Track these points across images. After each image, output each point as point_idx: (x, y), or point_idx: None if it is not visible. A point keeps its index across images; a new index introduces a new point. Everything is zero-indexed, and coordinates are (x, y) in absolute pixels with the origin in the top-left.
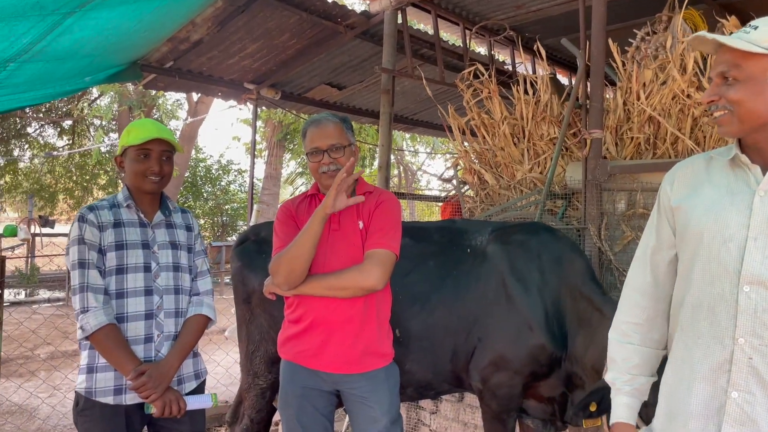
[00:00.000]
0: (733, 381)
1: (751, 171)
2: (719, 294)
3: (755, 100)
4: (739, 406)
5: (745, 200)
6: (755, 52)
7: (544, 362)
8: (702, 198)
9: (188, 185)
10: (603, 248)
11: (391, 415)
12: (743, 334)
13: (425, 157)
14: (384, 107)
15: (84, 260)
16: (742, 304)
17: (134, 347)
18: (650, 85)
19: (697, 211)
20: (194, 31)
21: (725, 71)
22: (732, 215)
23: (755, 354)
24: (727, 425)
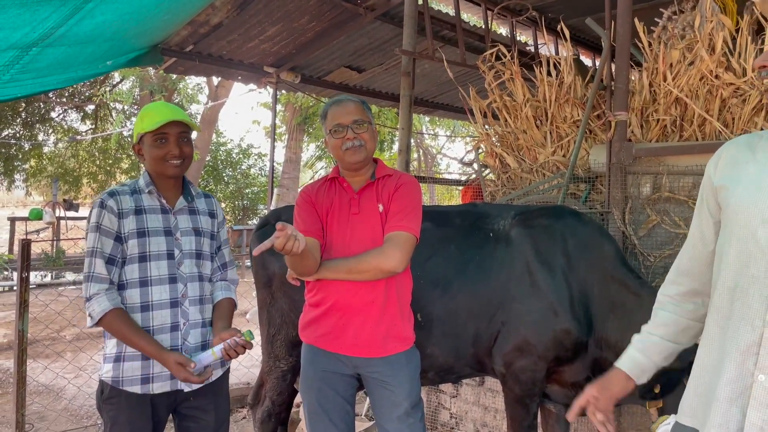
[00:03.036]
0: (761, 364)
1: None
2: (754, 275)
3: None
4: (766, 390)
5: None
6: None
7: (569, 347)
8: (744, 176)
9: (209, 169)
10: (627, 232)
11: (411, 399)
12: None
13: (445, 140)
14: (404, 90)
15: (94, 249)
16: None
17: (161, 336)
18: (677, 65)
19: (738, 189)
20: (214, 15)
21: None
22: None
23: None
24: (753, 408)
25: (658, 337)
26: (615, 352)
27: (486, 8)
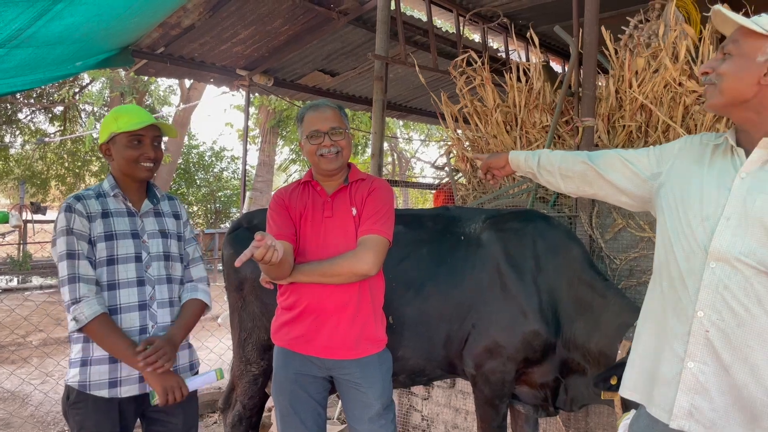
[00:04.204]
0: (690, 351)
1: (737, 154)
2: (692, 269)
3: (738, 75)
4: (694, 376)
5: (728, 181)
6: (755, 30)
7: (538, 348)
8: (694, 176)
9: (181, 172)
10: (594, 236)
11: (383, 400)
12: (703, 308)
13: (419, 144)
14: (377, 94)
15: (73, 251)
16: (706, 279)
17: None
18: (642, 73)
19: (684, 188)
20: (186, 17)
21: (726, 45)
22: (713, 195)
23: (712, 327)
24: (682, 392)
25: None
26: (582, 353)
27: (458, 14)
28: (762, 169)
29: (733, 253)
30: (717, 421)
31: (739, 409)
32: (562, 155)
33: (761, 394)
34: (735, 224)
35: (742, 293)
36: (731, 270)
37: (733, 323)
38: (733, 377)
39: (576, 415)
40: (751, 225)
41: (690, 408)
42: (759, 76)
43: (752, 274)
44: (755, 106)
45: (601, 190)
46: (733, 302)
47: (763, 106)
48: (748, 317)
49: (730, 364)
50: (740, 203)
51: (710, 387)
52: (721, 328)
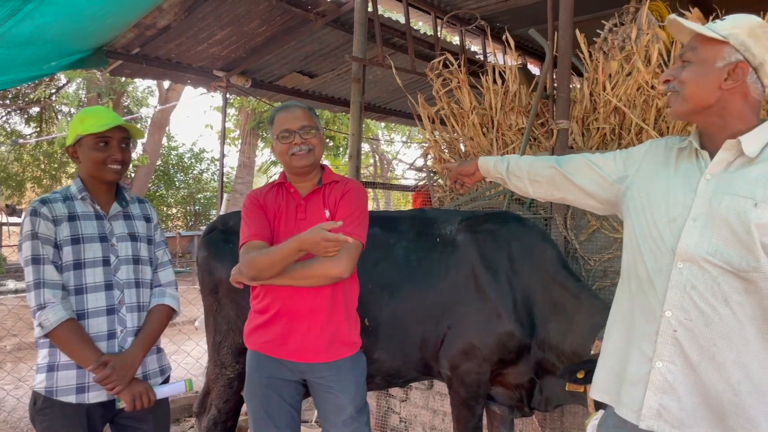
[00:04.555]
0: (658, 351)
1: (701, 156)
2: (660, 269)
3: (699, 81)
4: (662, 375)
5: (693, 183)
6: (711, 36)
7: (513, 349)
8: (660, 179)
9: (160, 174)
10: (569, 237)
11: (357, 403)
12: (671, 308)
13: (401, 146)
14: (354, 96)
15: (38, 255)
16: (674, 279)
17: (97, 344)
18: (616, 76)
19: (651, 191)
20: (161, 17)
21: (684, 53)
22: (679, 197)
23: (680, 327)
24: (650, 392)
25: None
26: (556, 354)
27: (436, 17)
28: (726, 170)
29: (699, 254)
30: (685, 421)
31: (707, 409)
32: (530, 160)
33: (728, 393)
34: (701, 225)
35: (709, 293)
36: (698, 270)
37: (700, 323)
38: (701, 376)
39: (551, 415)
40: (717, 225)
41: (658, 408)
42: (720, 82)
43: (719, 273)
44: (718, 111)
45: (569, 195)
46: (700, 302)
47: (725, 110)
48: (715, 316)
49: (697, 363)
50: (706, 204)
51: (678, 386)
52: (688, 327)
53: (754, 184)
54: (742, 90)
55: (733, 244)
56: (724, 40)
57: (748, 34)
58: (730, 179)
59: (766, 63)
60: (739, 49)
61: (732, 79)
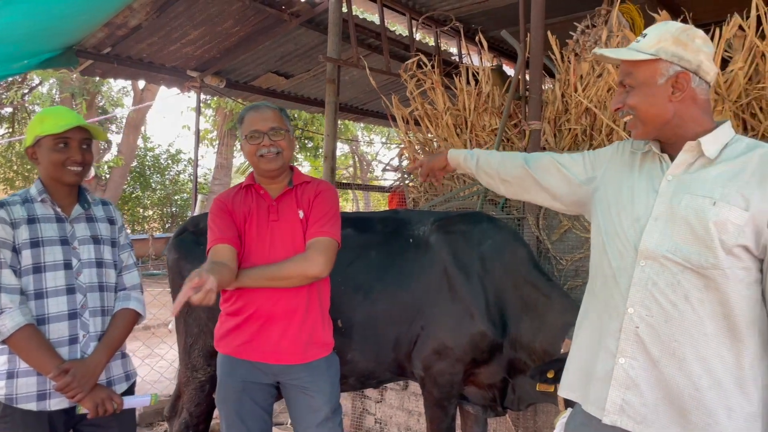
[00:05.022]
0: (621, 347)
1: (663, 160)
2: (623, 267)
3: (649, 102)
4: (625, 371)
5: (655, 184)
6: (641, 59)
7: (485, 349)
8: (626, 180)
9: (136, 175)
10: (541, 237)
11: (331, 404)
12: (633, 305)
13: (380, 146)
14: (329, 97)
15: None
16: (636, 276)
17: (58, 350)
18: (587, 77)
19: (618, 191)
20: (132, 17)
21: (623, 79)
22: (642, 197)
23: (642, 323)
24: (614, 388)
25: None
26: (528, 353)
27: (411, 18)
28: (686, 172)
29: (660, 252)
30: (647, 416)
31: (669, 404)
32: (500, 158)
33: (689, 387)
34: (662, 224)
35: (670, 289)
36: (659, 267)
37: (661, 319)
38: (662, 372)
39: (524, 414)
40: (677, 224)
41: (621, 403)
42: (668, 96)
43: (679, 270)
44: (676, 122)
45: (537, 195)
46: (661, 298)
47: (681, 119)
48: (676, 312)
49: (658, 358)
50: (667, 204)
51: (640, 382)
52: (650, 323)
53: (713, 183)
54: (690, 96)
55: (692, 241)
56: (655, 57)
57: (674, 43)
58: (690, 180)
59: (702, 63)
60: (672, 61)
61: (679, 90)
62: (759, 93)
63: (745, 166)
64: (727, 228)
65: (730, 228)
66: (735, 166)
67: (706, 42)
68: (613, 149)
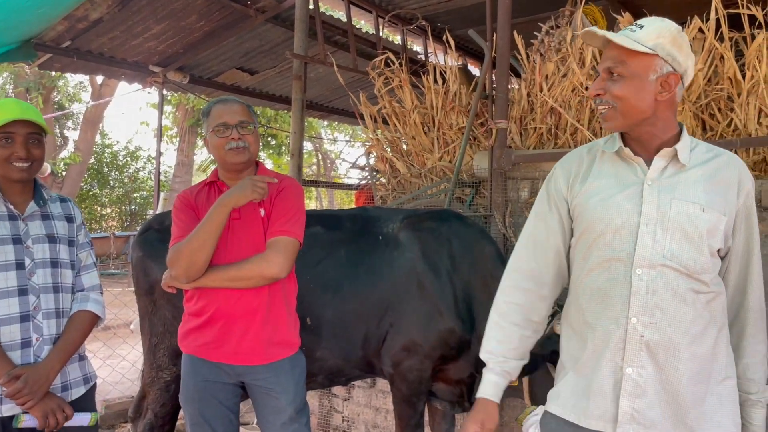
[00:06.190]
0: (628, 357)
1: (636, 163)
2: (615, 278)
3: (637, 96)
4: (634, 380)
5: (636, 190)
6: (640, 50)
7: (454, 345)
8: (595, 190)
9: (93, 172)
10: (508, 234)
11: (296, 404)
12: (636, 314)
13: (344, 145)
14: (296, 93)
15: None
16: (635, 285)
17: (10, 354)
18: (552, 77)
19: (591, 202)
20: (93, 10)
21: (612, 66)
22: (624, 204)
23: (646, 331)
24: (624, 399)
25: (515, 360)
26: None
27: (377, 15)
28: (661, 176)
29: (657, 259)
30: (655, 419)
31: (674, 405)
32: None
33: (689, 385)
34: (653, 230)
35: (670, 294)
36: (656, 274)
37: (664, 324)
38: (668, 375)
39: None
40: (670, 230)
41: (632, 412)
42: (655, 94)
43: (675, 276)
44: (652, 120)
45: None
46: (663, 304)
47: (658, 119)
48: (677, 316)
49: (664, 362)
50: (655, 210)
51: (648, 389)
52: (655, 330)
53: (694, 189)
54: (672, 99)
55: (685, 247)
56: (653, 52)
57: (672, 43)
58: (670, 184)
59: (689, 69)
60: (667, 60)
61: (666, 90)
62: (717, 94)
63: (717, 172)
64: (715, 233)
65: (716, 233)
66: (707, 171)
67: (691, 49)
68: (559, 171)
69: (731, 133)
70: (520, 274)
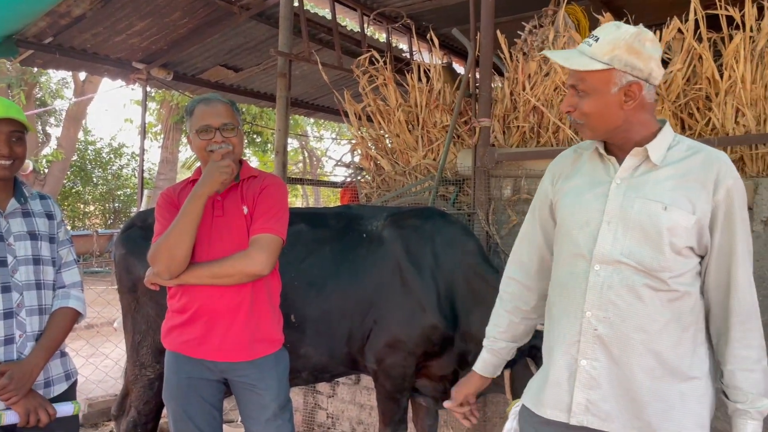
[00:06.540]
0: (582, 350)
1: (610, 162)
2: (576, 273)
3: (602, 111)
4: (588, 373)
5: (605, 189)
6: (595, 69)
7: (437, 342)
8: (571, 188)
9: (76, 169)
10: (491, 232)
11: (279, 400)
12: (590, 308)
13: (331, 142)
14: (280, 91)
15: None
16: (592, 281)
17: None
18: (534, 76)
19: (565, 200)
20: (76, 6)
21: (575, 84)
22: (591, 202)
23: (600, 325)
24: (578, 390)
25: (504, 341)
26: (478, 345)
27: (362, 13)
28: (633, 175)
29: (614, 256)
30: (611, 412)
31: (630, 399)
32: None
33: (646, 380)
34: (614, 228)
35: (625, 291)
36: (613, 270)
37: (617, 319)
38: (622, 369)
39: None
40: (630, 228)
41: (586, 403)
42: (620, 104)
43: (632, 273)
44: (626, 126)
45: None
46: (617, 300)
47: (631, 123)
48: (631, 312)
49: (618, 357)
50: (618, 208)
51: (602, 381)
52: (607, 324)
53: (662, 188)
54: (641, 103)
55: (645, 245)
56: (609, 66)
57: (628, 51)
58: (638, 183)
59: (653, 70)
60: (626, 71)
61: (630, 99)
62: (696, 93)
63: (689, 170)
64: (678, 232)
65: (680, 232)
66: (680, 170)
67: (655, 44)
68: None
69: (709, 132)
70: (514, 265)
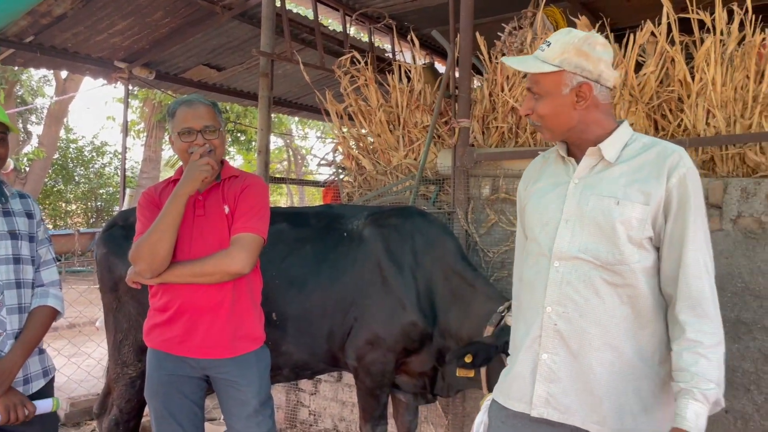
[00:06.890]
0: (543, 344)
1: (570, 163)
2: (539, 271)
3: (555, 112)
4: (548, 366)
5: (563, 188)
6: (545, 71)
7: (416, 338)
8: (537, 190)
9: (58, 168)
10: (470, 231)
11: (260, 397)
12: (550, 303)
13: (315, 141)
14: (263, 91)
15: None
16: (551, 277)
17: None
18: (513, 77)
19: (530, 202)
20: (57, 5)
21: (530, 87)
22: (551, 202)
23: (559, 320)
24: (539, 383)
25: None
26: (456, 341)
27: (344, 13)
28: (590, 174)
29: (572, 252)
30: (571, 406)
31: (588, 393)
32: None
33: (603, 375)
34: (572, 225)
35: (582, 286)
36: (571, 266)
37: (575, 314)
38: (581, 363)
39: (453, 400)
40: (586, 224)
41: (547, 396)
42: (572, 105)
43: (589, 268)
44: (581, 126)
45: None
46: (575, 295)
47: (585, 123)
48: (588, 307)
49: (577, 351)
50: (575, 206)
51: (562, 375)
52: (566, 319)
53: (616, 184)
54: (593, 103)
55: (601, 240)
56: (559, 69)
57: (577, 54)
58: (594, 181)
59: (603, 72)
60: (576, 72)
61: (582, 99)
62: (669, 95)
63: (644, 164)
64: (632, 224)
65: (634, 224)
66: (634, 165)
67: (606, 48)
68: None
69: (681, 133)
70: (515, 267)
